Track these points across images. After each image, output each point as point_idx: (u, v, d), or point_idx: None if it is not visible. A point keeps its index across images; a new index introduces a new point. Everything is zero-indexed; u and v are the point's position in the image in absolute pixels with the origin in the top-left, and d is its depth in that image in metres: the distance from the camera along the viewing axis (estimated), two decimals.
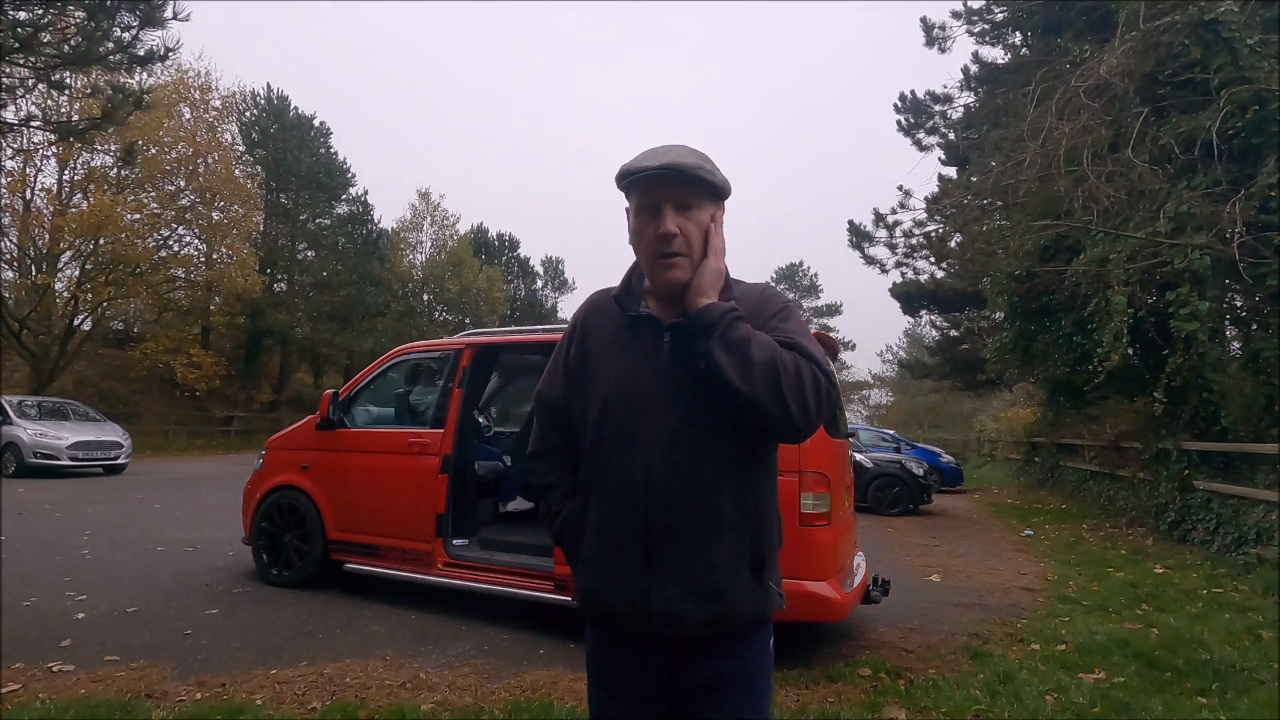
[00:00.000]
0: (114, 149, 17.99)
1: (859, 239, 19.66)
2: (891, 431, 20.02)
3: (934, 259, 19.21)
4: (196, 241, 23.61)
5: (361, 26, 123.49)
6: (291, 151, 27.83)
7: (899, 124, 18.10)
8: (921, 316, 23.09)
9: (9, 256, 20.77)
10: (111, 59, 8.13)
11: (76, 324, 21.05)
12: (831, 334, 8.35)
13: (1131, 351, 8.82)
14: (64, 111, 15.76)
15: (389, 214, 54.87)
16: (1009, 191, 10.27)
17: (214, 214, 22.96)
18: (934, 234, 18.42)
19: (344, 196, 30.06)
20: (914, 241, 18.97)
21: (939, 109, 17.54)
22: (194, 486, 11.62)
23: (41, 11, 7.75)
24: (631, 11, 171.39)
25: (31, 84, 9.03)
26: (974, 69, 16.39)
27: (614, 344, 1.35)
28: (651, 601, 1.24)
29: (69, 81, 9.69)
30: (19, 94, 9.70)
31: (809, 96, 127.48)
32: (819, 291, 48.99)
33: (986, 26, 15.49)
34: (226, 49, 66.91)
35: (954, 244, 17.60)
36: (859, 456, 11.30)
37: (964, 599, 5.43)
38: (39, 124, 13.80)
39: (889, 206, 18.74)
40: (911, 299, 20.34)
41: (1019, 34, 14.89)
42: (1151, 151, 8.11)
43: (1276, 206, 7.29)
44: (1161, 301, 8.22)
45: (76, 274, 20.69)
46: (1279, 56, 7.72)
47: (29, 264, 21.02)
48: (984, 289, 13.38)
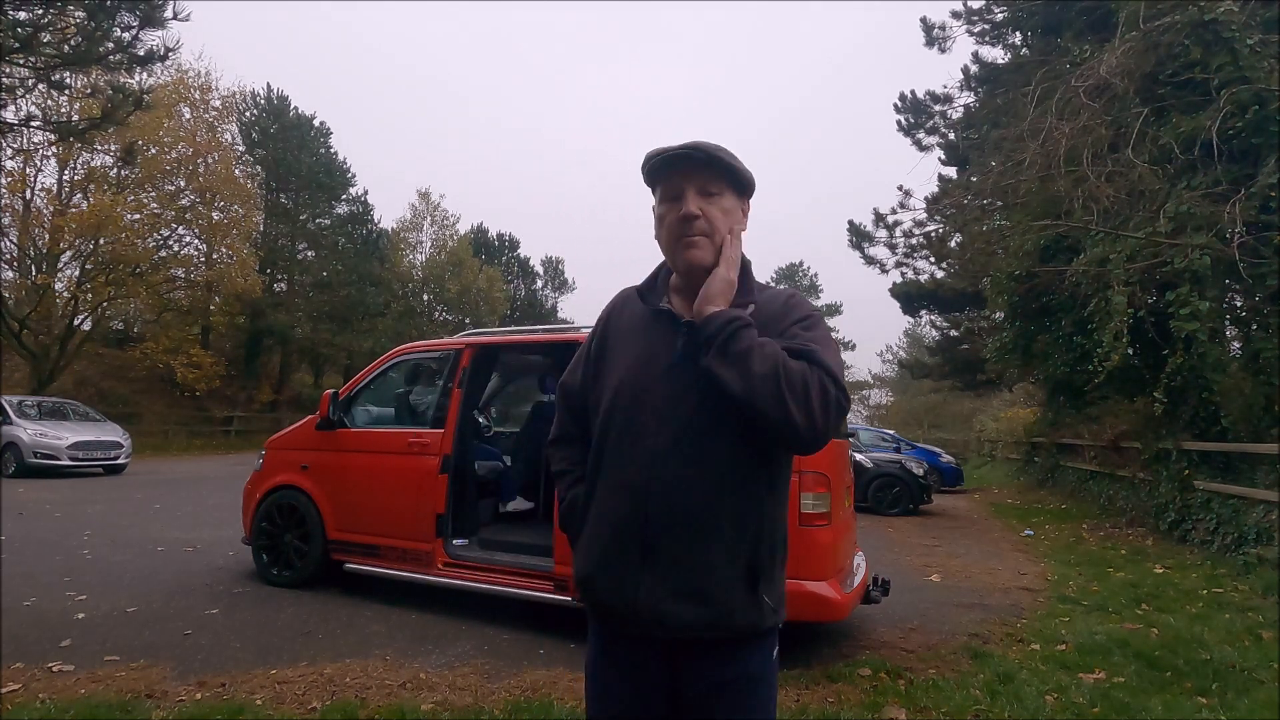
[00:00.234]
0: (114, 149, 17.98)
1: (859, 239, 19.66)
2: (891, 431, 20.02)
3: (934, 259, 19.21)
4: (196, 241, 23.61)
5: (361, 26, 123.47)
6: (291, 151, 27.82)
7: (899, 124, 18.10)
8: (921, 316, 23.11)
9: (9, 256, 20.77)
10: (111, 59, 8.14)
11: (76, 324, 21.02)
12: (831, 334, 8.35)
13: (1131, 351, 8.82)
14: (64, 111, 15.72)
15: (389, 214, 54.95)
16: (1009, 191, 10.27)
17: (214, 214, 22.94)
18: (934, 234, 18.42)
19: (344, 196, 30.05)
20: (914, 241, 18.99)
21: (939, 109, 17.53)
22: (194, 486, 11.61)
23: (41, 11, 7.76)
24: (631, 11, 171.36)
25: (31, 84, 9.03)
26: (974, 69, 16.38)
27: (632, 336, 1.36)
28: (641, 597, 1.23)
29: (69, 81, 9.67)
30: (19, 94, 9.69)
31: (809, 96, 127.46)
32: (819, 291, 49.12)
33: (986, 26, 15.49)
34: (226, 49, 67.02)
35: (954, 244, 17.60)
36: (859, 456, 11.29)
37: (964, 599, 5.43)
38: (39, 124, 13.78)
39: (889, 206, 18.77)
40: (911, 299, 20.35)
41: (1019, 34, 14.88)
42: (1151, 151, 8.11)
43: (1276, 206, 7.29)
44: (1161, 301, 8.23)
45: (76, 274, 20.68)
46: (1279, 56, 7.72)
47: (29, 264, 21.00)
48: (984, 289, 13.38)
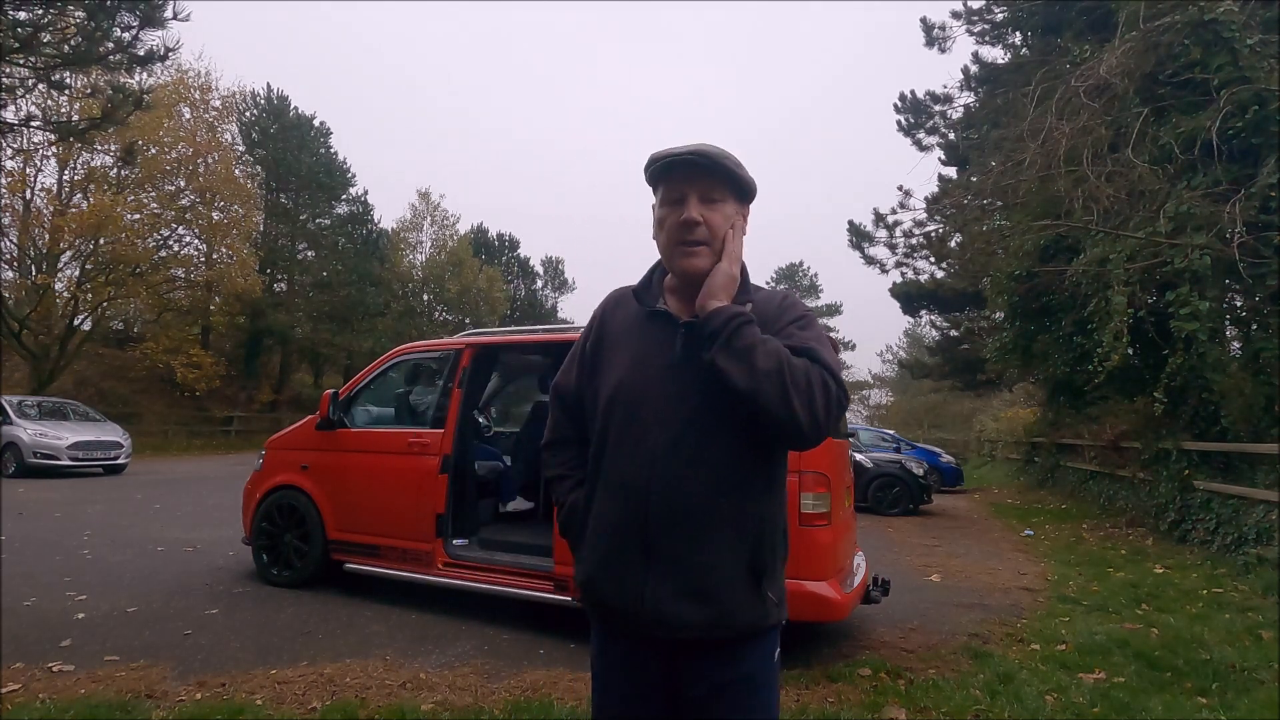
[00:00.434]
0: (114, 149, 17.98)
1: (859, 239, 19.68)
2: (891, 431, 20.02)
3: (934, 259, 19.22)
4: (196, 241, 23.61)
5: (361, 27, 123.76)
6: (291, 151, 27.81)
7: (899, 124, 18.12)
8: (921, 316, 23.12)
9: (9, 256, 20.76)
10: (111, 59, 8.14)
11: (76, 324, 21.03)
12: (831, 334, 8.35)
13: (1131, 351, 8.82)
14: (64, 111, 15.74)
15: (389, 214, 55.00)
16: (1009, 191, 10.27)
17: (214, 214, 22.94)
18: (934, 234, 18.45)
19: (344, 196, 30.05)
20: (914, 241, 19.02)
21: (939, 109, 17.55)
22: (194, 486, 11.61)
23: (41, 11, 7.76)
24: (632, 12, 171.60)
25: (31, 84, 9.03)
26: (974, 69, 16.39)
27: (628, 337, 1.35)
28: (645, 598, 1.23)
29: (69, 81, 9.68)
30: (19, 94, 9.70)
31: (809, 96, 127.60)
32: (819, 291, 49.06)
33: (986, 26, 15.50)
34: (226, 49, 67.02)
35: (954, 244, 17.61)
36: (859, 456, 11.29)
37: (964, 599, 5.43)
38: (39, 124, 13.81)
39: (889, 206, 18.80)
40: (911, 299, 20.35)
41: (1019, 34, 14.89)
42: (1151, 151, 8.11)
43: (1276, 206, 7.29)
44: (1161, 301, 8.23)
45: (76, 274, 20.68)
46: (1279, 56, 7.72)
47: (29, 264, 21.00)
48: (984, 289, 13.38)
